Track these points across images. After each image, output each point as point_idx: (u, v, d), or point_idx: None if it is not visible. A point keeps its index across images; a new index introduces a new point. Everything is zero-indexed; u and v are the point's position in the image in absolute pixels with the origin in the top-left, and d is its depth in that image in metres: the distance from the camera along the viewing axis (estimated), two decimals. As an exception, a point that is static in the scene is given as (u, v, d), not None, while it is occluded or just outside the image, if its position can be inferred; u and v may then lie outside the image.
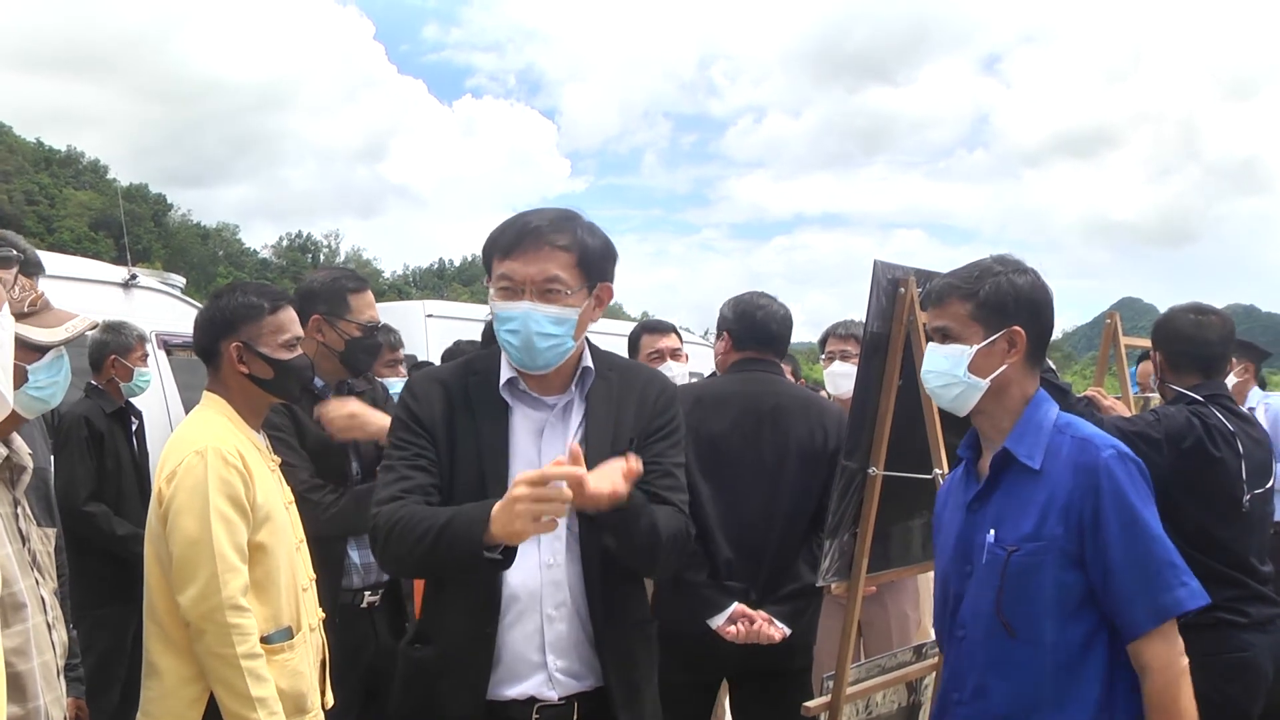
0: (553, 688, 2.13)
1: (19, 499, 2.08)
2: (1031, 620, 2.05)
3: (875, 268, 2.70)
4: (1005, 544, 2.08)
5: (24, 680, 1.95)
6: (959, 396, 2.16)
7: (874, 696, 2.95)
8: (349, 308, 3.24)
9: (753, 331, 3.34)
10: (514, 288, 2.12)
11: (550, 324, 2.10)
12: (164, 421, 5.23)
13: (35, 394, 2.02)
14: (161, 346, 5.51)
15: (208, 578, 2.38)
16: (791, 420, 3.22)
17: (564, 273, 2.12)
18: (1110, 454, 2.03)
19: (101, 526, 4.40)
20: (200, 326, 2.68)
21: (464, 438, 2.16)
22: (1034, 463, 2.07)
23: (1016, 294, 2.12)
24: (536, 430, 2.18)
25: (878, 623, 4.05)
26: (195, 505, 2.41)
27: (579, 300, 2.14)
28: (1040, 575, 2.03)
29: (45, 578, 2.11)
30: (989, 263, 2.18)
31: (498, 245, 2.16)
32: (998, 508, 2.13)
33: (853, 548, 2.84)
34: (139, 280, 5.64)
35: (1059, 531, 2.02)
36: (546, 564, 2.13)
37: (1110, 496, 1.99)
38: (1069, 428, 2.12)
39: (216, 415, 2.61)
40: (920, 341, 2.71)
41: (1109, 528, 1.99)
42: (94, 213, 66.30)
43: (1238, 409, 3.32)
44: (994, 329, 2.11)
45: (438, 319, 8.65)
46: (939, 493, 2.42)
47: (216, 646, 2.37)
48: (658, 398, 2.28)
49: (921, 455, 2.74)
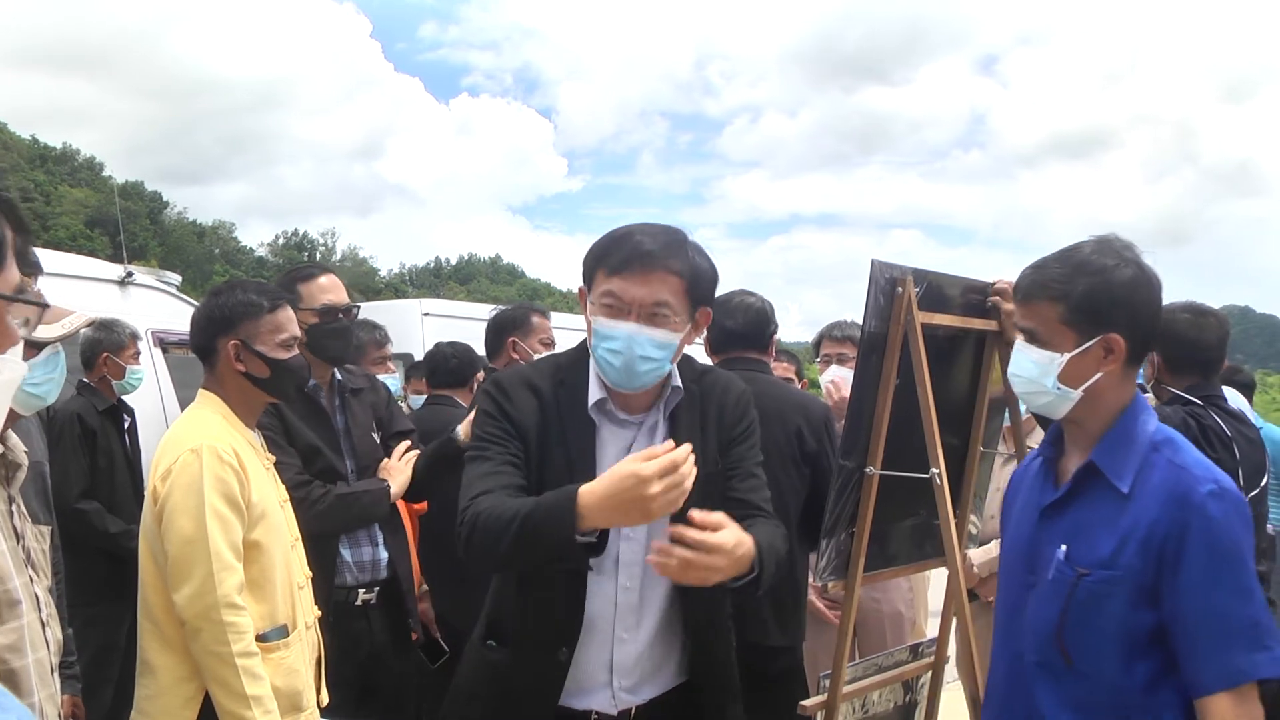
0: (614, 704, 2.15)
1: (13, 496, 2.07)
2: (1093, 653, 1.86)
3: (873, 267, 2.69)
4: (1077, 564, 1.88)
5: (18, 677, 1.94)
6: (1047, 405, 1.97)
7: (870, 695, 2.95)
8: (299, 297, 3.14)
9: (713, 330, 3.37)
10: (620, 306, 2.07)
11: (654, 348, 2.07)
12: (159, 419, 5.23)
13: (32, 390, 2.02)
14: (157, 344, 5.51)
15: (203, 576, 2.37)
16: (772, 419, 3.22)
17: (673, 298, 2.08)
18: (1210, 489, 1.80)
19: (94, 524, 4.39)
20: (198, 323, 2.67)
21: (554, 451, 2.12)
22: (1123, 484, 1.86)
23: (1114, 296, 1.88)
24: (624, 449, 2.16)
25: (872, 622, 4.05)
26: (190, 503, 2.41)
27: (683, 325, 2.11)
28: (1109, 606, 1.84)
29: (39, 575, 2.10)
30: (1085, 254, 1.92)
31: (605, 261, 2.10)
32: (1074, 521, 1.93)
33: (849, 547, 2.84)
34: (135, 278, 5.63)
35: (1137, 564, 1.82)
36: (624, 587, 2.14)
37: (1200, 536, 1.77)
38: (1167, 447, 1.90)
39: (211, 413, 2.60)
40: (918, 341, 2.70)
41: (1191, 571, 1.77)
42: (89, 210, 66.19)
43: (1233, 410, 3.32)
44: (1088, 335, 1.89)
45: (434, 317, 8.67)
46: (1012, 477, 2.24)
47: (212, 645, 2.37)
48: (736, 404, 2.27)
49: (919, 454, 2.73)
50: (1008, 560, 2.09)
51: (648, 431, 2.19)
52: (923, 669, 3.11)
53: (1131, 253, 1.91)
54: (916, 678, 3.11)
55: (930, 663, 3.12)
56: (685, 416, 2.20)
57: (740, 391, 2.32)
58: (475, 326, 4.69)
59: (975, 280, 3.02)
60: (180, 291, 6.30)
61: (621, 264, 2.07)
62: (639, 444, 2.16)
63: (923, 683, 3.14)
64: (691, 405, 2.22)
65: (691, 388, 2.23)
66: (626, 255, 2.08)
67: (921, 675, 3.13)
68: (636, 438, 2.18)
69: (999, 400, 3.19)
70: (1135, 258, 1.91)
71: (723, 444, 2.23)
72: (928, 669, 3.12)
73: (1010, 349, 3.01)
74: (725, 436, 2.24)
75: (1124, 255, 1.90)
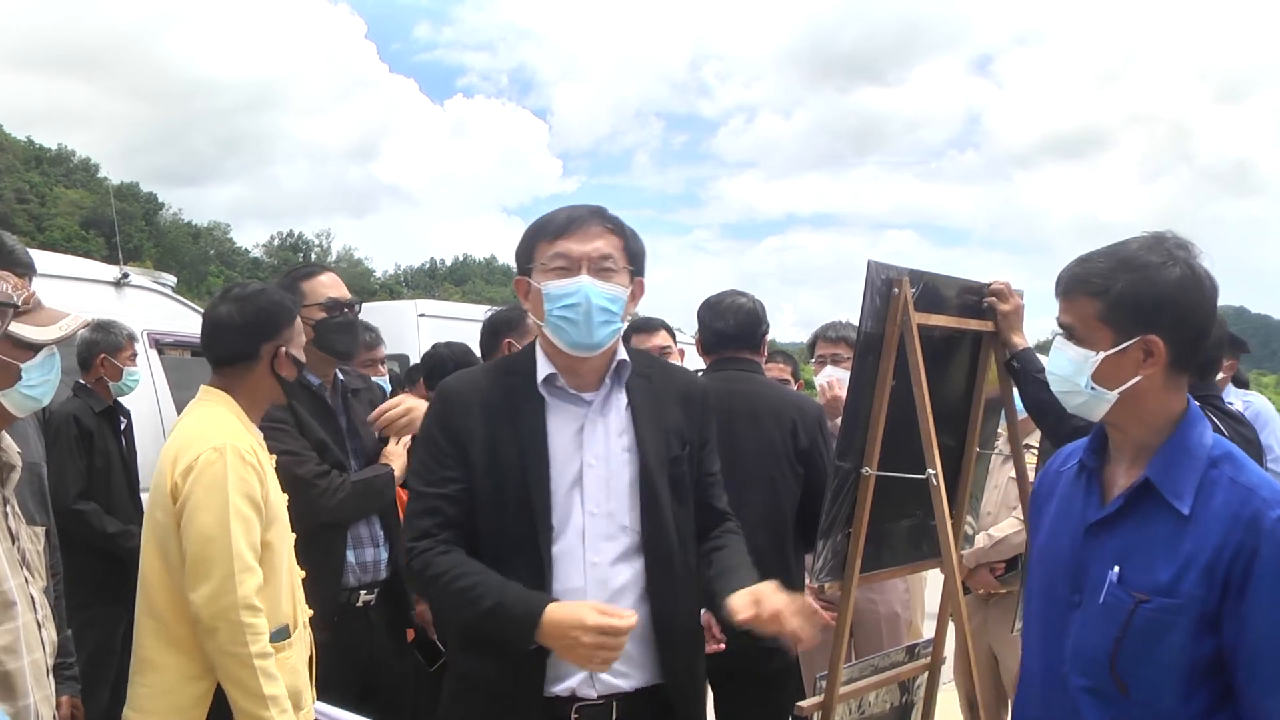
0: (592, 686, 2.13)
1: (8, 497, 2.07)
2: (1150, 683, 1.75)
3: (869, 268, 2.69)
4: (1133, 589, 1.76)
5: (14, 678, 1.94)
6: (1082, 405, 1.86)
7: (867, 696, 2.95)
8: (302, 294, 3.18)
9: (705, 331, 3.41)
10: (570, 265, 2.13)
11: (607, 299, 2.12)
12: (155, 420, 5.22)
13: (28, 392, 2.01)
14: (153, 345, 5.50)
15: (223, 577, 2.38)
16: (762, 419, 3.23)
17: (616, 253, 2.16)
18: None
19: (93, 524, 4.39)
20: (236, 329, 2.64)
21: (505, 443, 2.14)
22: (1183, 506, 1.74)
23: (1157, 295, 1.75)
24: (576, 428, 2.17)
25: (868, 622, 4.05)
26: (214, 502, 2.41)
27: (625, 282, 2.17)
28: (1170, 637, 1.72)
29: (35, 576, 2.10)
30: (1133, 250, 1.80)
31: (547, 230, 2.17)
32: (1127, 541, 1.80)
33: (846, 548, 2.84)
34: (130, 279, 5.62)
35: (1199, 592, 1.69)
36: (592, 563, 2.13)
37: (1270, 566, 1.66)
38: (1228, 463, 1.78)
39: (225, 411, 2.60)
40: (914, 342, 2.71)
41: (1259, 602, 1.66)
42: (85, 211, 66.10)
43: (1230, 410, 3.32)
44: (1126, 335, 1.78)
45: (429, 319, 8.67)
46: (1039, 479, 2.15)
47: (230, 645, 2.37)
48: (702, 402, 2.32)
49: (915, 455, 2.74)
50: (1046, 574, 1.97)
51: (600, 408, 2.20)
52: (919, 670, 3.12)
53: (1185, 252, 1.78)
54: (913, 678, 3.12)
55: (926, 663, 3.13)
56: (646, 398, 2.23)
57: (704, 389, 2.37)
58: (470, 328, 4.68)
59: (971, 281, 3.03)
60: (176, 293, 6.29)
61: (563, 226, 2.16)
62: (592, 421, 2.18)
63: (919, 683, 3.15)
64: (650, 392, 2.25)
65: (649, 373, 2.28)
66: (566, 218, 2.17)
67: (918, 676, 3.13)
68: (588, 414, 2.19)
69: (995, 401, 3.20)
70: (1187, 258, 1.78)
71: (689, 436, 2.26)
72: (924, 670, 3.13)
73: (1005, 349, 3.04)
74: (696, 436, 2.28)
75: (1174, 254, 1.78)
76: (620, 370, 2.22)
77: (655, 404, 2.23)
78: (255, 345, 2.64)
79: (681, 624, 2.21)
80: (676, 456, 2.21)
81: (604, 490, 2.15)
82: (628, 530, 2.16)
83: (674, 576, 2.18)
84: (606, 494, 2.15)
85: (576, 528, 2.13)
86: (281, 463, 2.89)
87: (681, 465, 2.22)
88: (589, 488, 2.15)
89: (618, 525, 2.15)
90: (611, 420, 2.20)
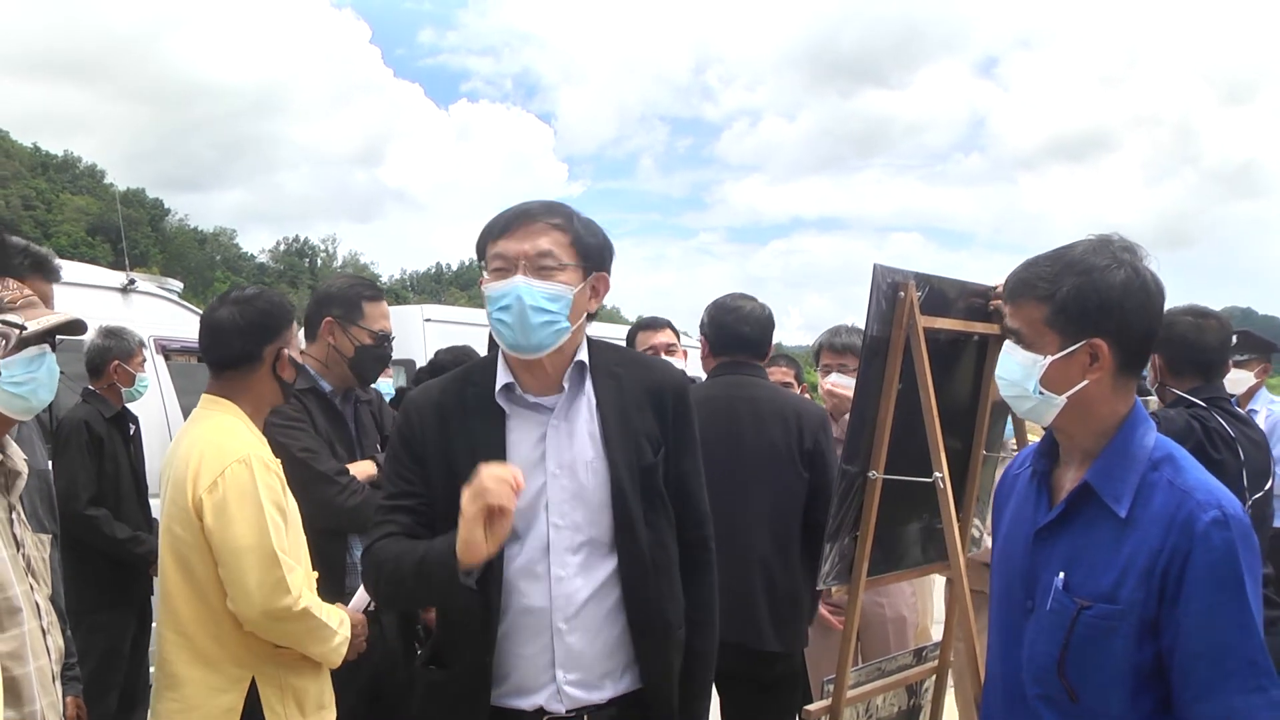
0: (560, 701, 2.09)
1: (13, 504, 2.06)
2: (1097, 688, 1.75)
3: (875, 271, 2.69)
4: (1076, 595, 1.76)
5: (20, 685, 1.94)
6: (1031, 410, 1.86)
7: (874, 700, 2.94)
8: (363, 314, 3.26)
9: (725, 336, 3.40)
10: (507, 266, 2.06)
11: (544, 299, 2.03)
12: (162, 426, 5.23)
13: (12, 390, 1.96)
14: (160, 351, 5.51)
15: (274, 582, 2.42)
16: (767, 422, 3.23)
17: (557, 249, 2.06)
18: (1214, 516, 1.67)
19: (103, 530, 4.41)
20: (239, 331, 2.65)
21: (460, 456, 2.06)
22: (1120, 508, 1.74)
23: (1102, 298, 1.74)
24: (538, 435, 2.11)
25: (875, 626, 4.04)
26: (248, 514, 2.44)
27: (573, 279, 2.07)
28: (1112, 643, 1.72)
29: (40, 583, 2.10)
30: (1079, 253, 1.79)
31: (491, 231, 2.11)
32: (1071, 547, 1.80)
33: (853, 551, 2.84)
34: (137, 285, 5.64)
35: (1139, 596, 1.69)
36: (557, 577, 2.08)
37: (1201, 570, 1.65)
38: (1168, 465, 1.76)
39: (234, 421, 2.61)
40: (920, 345, 2.70)
41: (1190, 604, 1.66)
42: (91, 217, 66.32)
43: (1237, 412, 3.32)
44: (1072, 339, 1.77)
45: (435, 323, 8.67)
46: (999, 483, 2.15)
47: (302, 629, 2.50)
48: (676, 397, 2.21)
49: (922, 458, 2.73)
50: (1004, 578, 1.96)
51: (562, 413, 2.13)
52: (926, 673, 3.11)
53: (1130, 255, 1.78)
54: (920, 682, 3.11)
55: (934, 666, 3.12)
56: (613, 402, 2.15)
57: (679, 384, 2.25)
58: (477, 332, 4.69)
59: (977, 284, 3.03)
60: (182, 299, 6.30)
61: (504, 226, 2.09)
62: (555, 427, 2.12)
63: (926, 686, 3.14)
64: (620, 390, 2.17)
65: (618, 371, 2.19)
66: (509, 218, 2.10)
67: (925, 679, 3.12)
68: (550, 423, 2.12)
69: (1001, 403, 3.17)
70: (1132, 260, 1.77)
71: (666, 440, 2.18)
72: (932, 673, 3.12)
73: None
74: (666, 428, 2.18)
75: (1119, 257, 1.77)
76: (579, 372, 2.15)
77: (624, 405, 2.15)
78: (258, 347, 2.64)
79: (658, 630, 2.14)
80: (650, 465, 2.13)
81: (570, 501, 2.09)
82: (595, 541, 2.10)
83: (649, 585, 2.12)
84: (573, 504, 2.09)
85: (539, 541, 2.08)
86: (301, 459, 2.90)
87: (655, 473, 2.14)
88: (554, 499, 2.08)
89: (585, 537, 2.09)
90: (577, 426, 2.12)
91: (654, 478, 2.14)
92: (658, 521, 2.14)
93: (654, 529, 2.13)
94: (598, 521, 2.09)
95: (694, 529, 2.24)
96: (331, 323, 3.22)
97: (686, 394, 2.24)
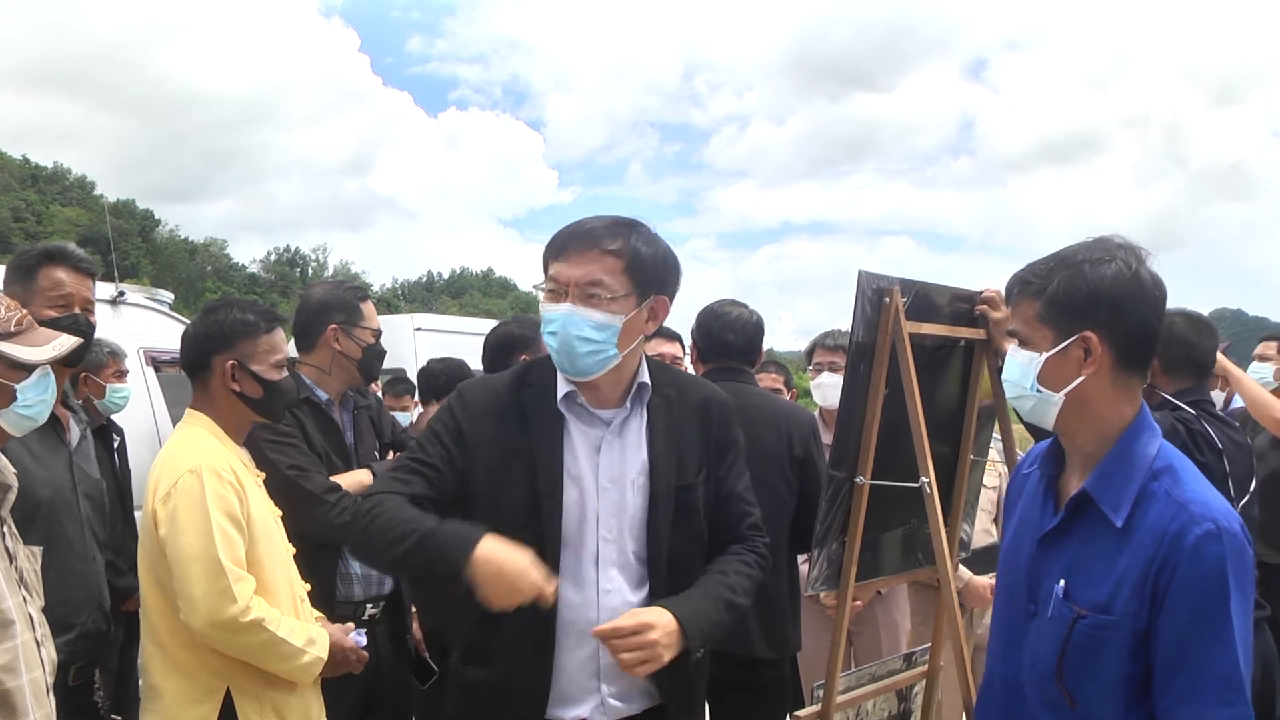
0: (604, 713, 2.12)
1: (4, 518, 2.08)
2: (1093, 696, 1.76)
3: (860, 278, 2.71)
4: (1075, 603, 1.77)
5: (14, 697, 1.95)
6: (1033, 410, 1.86)
7: (864, 705, 2.95)
8: (361, 315, 3.32)
9: (712, 342, 3.42)
10: (558, 289, 2.09)
11: (590, 328, 2.06)
12: (152, 438, 5.22)
13: (24, 412, 2.03)
14: (149, 363, 5.50)
15: (219, 591, 2.40)
16: (758, 429, 3.25)
17: (608, 277, 2.07)
18: (1207, 530, 1.66)
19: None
20: (192, 340, 2.68)
21: (517, 453, 2.11)
22: (1117, 518, 1.74)
23: (1090, 289, 1.74)
24: (593, 447, 2.15)
25: (866, 631, 4.06)
26: (196, 522, 2.43)
27: (624, 307, 2.09)
28: (1106, 653, 1.73)
29: (32, 595, 2.11)
30: (1073, 250, 1.81)
31: (550, 248, 2.14)
32: (1073, 555, 1.81)
33: (841, 556, 2.85)
34: (127, 297, 5.64)
35: (1132, 608, 1.70)
36: (605, 590, 2.12)
37: (1187, 584, 1.65)
38: (1167, 476, 1.75)
39: (203, 432, 2.62)
40: (906, 351, 2.72)
41: (1173, 616, 1.67)
42: (81, 229, 65.97)
43: (1222, 415, 3.34)
44: (1065, 334, 1.77)
45: (426, 332, 8.67)
46: (1011, 480, 2.15)
47: (253, 642, 2.44)
48: (720, 420, 2.27)
49: (909, 464, 2.75)
50: (1008, 579, 1.97)
51: (618, 428, 2.17)
52: (916, 678, 3.12)
53: (1127, 252, 1.77)
54: (910, 686, 3.12)
55: (924, 671, 3.13)
56: (662, 418, 2.19)
57: (724, 405, 2.31)
58: (468, 341, 4.72)
59: (963, 289, 3.04)
60: (173, 310, 6.30)
61: (560, 247, 2.11)
62: (609, 442, 2.16)
63: (916, 691, 3.15)
64: (669, 412, 2.21)
65: (668, 391, 2.23)
66: (566, 238, 2.12)
67: (915, 684, 3.14)
68: (605, 438, 2.16)
69: (988, 408, 3.21)
70: (1127, 256, 1.77)
71: (709, 457, 2.23)
72: (921, 678, 3.13)
73: (998, 358, 3.05)
74: (713, 456, 2.24)
75: (1113, 252, 1.77)
76: (640, 393, 2.19)
77: (672, 426, 2.19)
78: (206, 356, 2.64)
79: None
80: (689, 484, 2.17)
81: (616, 516, 2.13)
82: (638, 557, 2.14)
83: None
84: (619, 520, 2.13)
85: (589, 554, 2.11)
86: (289, 476, 2.90)
87: (694, 492, 2.18)
88: (603, 512, 2.12)
89: (628, 552, 2.13)
90: (629, 442, 2.17)
91: (691, 498, 2.18)
92: (685, 540, 2.18)
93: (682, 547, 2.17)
94: (638, 539, 2.14)
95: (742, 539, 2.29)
96: (336, 329, 3.26)
97: (730, 409, 2.31)
